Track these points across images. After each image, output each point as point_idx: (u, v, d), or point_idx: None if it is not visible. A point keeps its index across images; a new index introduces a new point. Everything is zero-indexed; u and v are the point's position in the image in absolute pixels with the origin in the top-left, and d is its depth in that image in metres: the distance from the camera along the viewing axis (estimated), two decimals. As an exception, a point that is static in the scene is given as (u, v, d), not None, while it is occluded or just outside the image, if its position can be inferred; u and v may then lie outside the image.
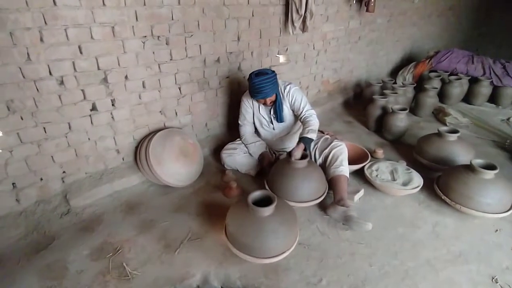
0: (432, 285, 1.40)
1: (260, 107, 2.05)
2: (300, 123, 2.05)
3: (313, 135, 1.84)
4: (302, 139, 1.81)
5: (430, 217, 1.86)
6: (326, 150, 2.01)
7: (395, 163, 2.21)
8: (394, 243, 1.66)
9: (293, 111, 2.00)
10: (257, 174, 2.15)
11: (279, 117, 2.01)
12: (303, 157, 1.79)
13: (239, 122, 2.20)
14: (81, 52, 1.72)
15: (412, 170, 2.12)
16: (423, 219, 1.84)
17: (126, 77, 1.96)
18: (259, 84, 1.82)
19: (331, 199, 1.90)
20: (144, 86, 2.07)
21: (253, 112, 2.10)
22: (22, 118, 1.65)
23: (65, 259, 1.53)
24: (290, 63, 3.01)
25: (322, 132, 2.32)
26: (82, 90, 1.81)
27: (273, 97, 1.91)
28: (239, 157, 2.17)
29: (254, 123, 2.15)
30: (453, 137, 2.16)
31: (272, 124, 2.07)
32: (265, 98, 1.87)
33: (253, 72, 1.90)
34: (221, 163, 2.26)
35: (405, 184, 2.00)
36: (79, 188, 1.90)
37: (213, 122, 2.59)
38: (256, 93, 1.85)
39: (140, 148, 2.06)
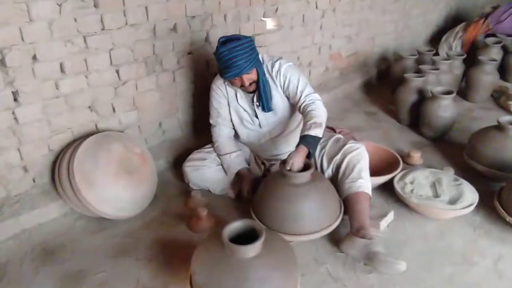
0: None
1: (237, 94, 2.07)
2: (301, 116, 2.09)
3: (318, 132, 1.84)
4: (302, 140, 1.81)
5: (491, 249, 1.87)
6: (338, 156, 2.02)
7: (439, 171, 2.22)
8: (439, 289, 1.67)
9: (287, 98, 2.03)
10: (239, 196, 2.17)
11: (265, 105, 2.03)
12: (305, 167, 1.79)
13: (210, 121, 2.23)
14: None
15: (462, 181, 2.13)
16: (480, 252, 1.85)
17: (34, 57, 1.96)
18: (229, 55, 1.84)
19: (346, 228, 1.90)
20: (63, 71, 2.06)
21: (228, 103, 2.12)
22: None
23: None
24: (283, 30, 3.03)
25: (332, 129, 2.38)
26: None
27: (252, 74, 1.93)
28: (210, 172, 2.18)
29: (231, 120, 2.19)
30: (521, 131, 2.20)
31: (257, 118, 2.08)
32: (239, 75, 1.88)
33: (220, 39, 1.92)
34: (184, 181, 2.29)
35: (453, 201, 2.03)
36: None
37: (170, 120, 2.61)
38: (225, 69, 1.87)
39: (60, 164, 2.06)
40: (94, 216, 2.05)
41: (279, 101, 2.08)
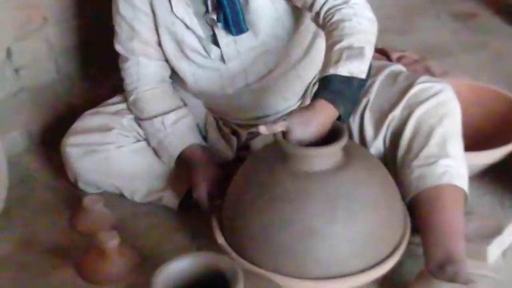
0: None
1: None
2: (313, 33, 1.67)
3: (358, 68, 1.32)
4: (324, 86, 1.32)
5: None
6: (397, 112, 1.45)
7: None
8: None
9: None
10: (186, 203, 1.66)
11: (232, 21, 1.55)
12: (330, 137, 1.31)
13: (117, 47, 1.70)
14: None
15: None
16: None
17: None
18: None
19: (417, 260, 1.41)
20: None
21: (153, 14, 1.61)
22: None
23: None
24: None
25: (384, 53, 1.95)
26: None
27: None
28: (122, 155, 1.68)
29: (161, 47, 1.68)
30: None
31: (217, 46, 1.61)
32: None
33: None
34: (66, 176, 1.77)
35: None
36: None
37: (30, 44, 2.08)
38: None
39: None
40: None
41: (264, 4, 1.55)
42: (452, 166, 1.33)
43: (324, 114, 1.23)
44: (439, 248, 1.25)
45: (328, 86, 1.23)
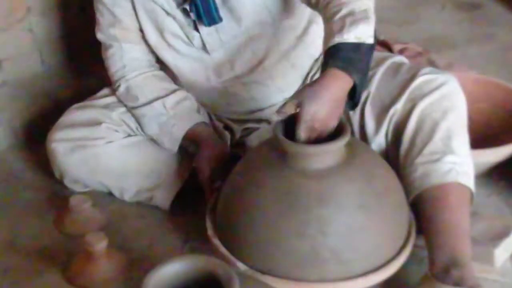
0: None
1: None
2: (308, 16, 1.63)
3: (366, 33, 1.29)
4: (332, 55, 1.25)
5: None
6: (400, 106, 1.43)
7: None
8: None
9: None
10: (178, 203, 1.61)
11: (204, 11, 1.52)
12: (335, 132, 1.28)
13: (99, 36, 1.68)
14: None
15: None
16: None
17: None
18: None
19: (421, 263, 1.40)
20: None
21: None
22: None
23: None
24: None
25: (386, 45, 1.96)
26: None
27: None
28: (112, 151, 1.63)
29: (143, 35, 1.65)
30: None
31: (198, 31, 1.61)
32: None
33: None
34: (52, 173, 1.73)
35: None
36: None
37: (13, 35, 2.05)
38: None
39: None
40: None
41: None
42: (458, 163, 1.29)
43: (338, 85, 1.15)
44: (444, 250, 1.23)
45: (337, 54, 1.15)
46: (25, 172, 1.81)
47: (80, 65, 2.13)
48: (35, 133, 1.87)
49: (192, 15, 1.47)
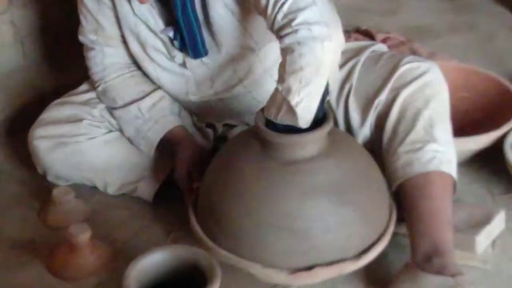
0: None
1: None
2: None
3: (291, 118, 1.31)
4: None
5: None
6: (383, 96, 1.44)
7: None
8: None
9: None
10: (161, 194, 1.62)
11: (190, 44, 1.54)
12: (316, 121, 1.30)
13: (81, 38, 1.70)
14: None
15: None
16: None
17: None
18: None
19: (402, 253, 1.41)
20: None
21: (114, 10, 1.60)
22: None
23: None
24: None
25: (368, 34, 1.91)
26: None
27: None
28: (93, 147, 1.65)
29: (126, 45, 1.68)
30: None
31: (181, 51, 1.62)
32: None
33: None
34: (34, 168, 1.73)
35: None
36: None
37: None
38: None
39: None
40: None
41: (224, 15, 1.51)
42: (440, 151, 1.30)
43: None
44: (426, 238, 1.23)
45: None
46: (7, 165, 1.80)
47: (63, 57, 2.10)
48: (18, 126, 1.85)
49: (176, 43, 1.49)
